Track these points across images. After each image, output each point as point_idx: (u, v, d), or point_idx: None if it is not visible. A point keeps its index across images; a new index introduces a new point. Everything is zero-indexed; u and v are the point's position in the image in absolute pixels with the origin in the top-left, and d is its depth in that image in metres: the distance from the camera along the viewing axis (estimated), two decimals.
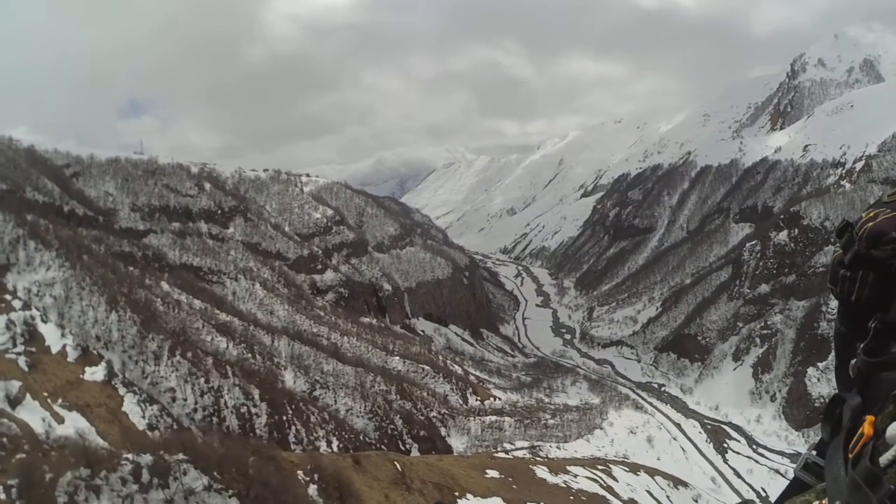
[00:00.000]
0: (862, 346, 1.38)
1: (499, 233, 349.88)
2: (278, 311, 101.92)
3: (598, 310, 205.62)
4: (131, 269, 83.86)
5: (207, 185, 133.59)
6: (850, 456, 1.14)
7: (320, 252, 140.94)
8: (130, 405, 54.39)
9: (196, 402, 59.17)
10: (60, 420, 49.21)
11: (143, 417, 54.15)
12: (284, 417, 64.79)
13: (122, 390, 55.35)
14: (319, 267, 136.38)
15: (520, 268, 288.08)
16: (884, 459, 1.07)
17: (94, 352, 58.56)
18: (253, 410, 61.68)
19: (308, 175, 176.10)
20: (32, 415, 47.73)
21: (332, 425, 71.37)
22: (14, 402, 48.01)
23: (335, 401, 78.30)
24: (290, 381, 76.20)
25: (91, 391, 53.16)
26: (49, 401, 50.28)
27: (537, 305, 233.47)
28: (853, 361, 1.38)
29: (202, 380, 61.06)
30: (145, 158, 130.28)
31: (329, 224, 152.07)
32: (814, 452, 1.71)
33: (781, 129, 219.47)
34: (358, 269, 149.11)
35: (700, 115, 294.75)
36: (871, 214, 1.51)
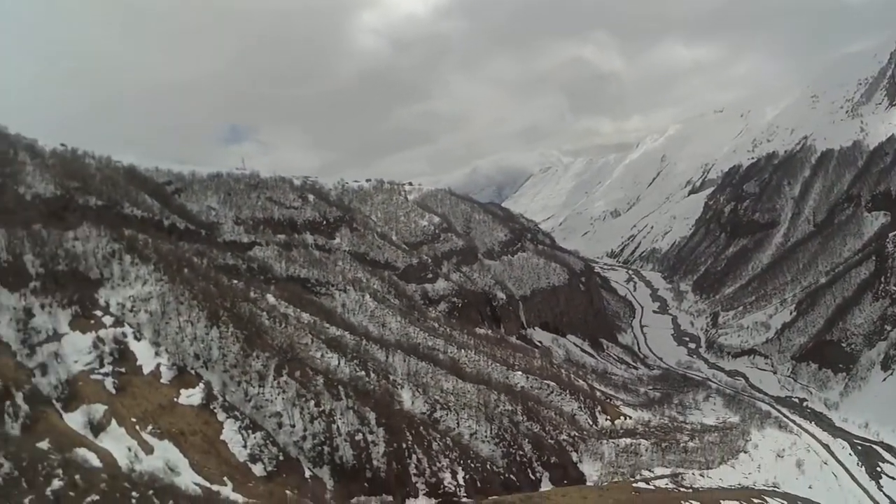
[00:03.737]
0: None
1: (603, 236, 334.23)
2: (390, 323, 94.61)
3: (723, 315, 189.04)
4: (235, 282, 78.71)
5: (311, 197, 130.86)
6: None
7: (429, 260, 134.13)
8: (230, 433, 47.18)
9: (305, 429, 51.28)
10: (149, 450, 42.37)
11: (245, 447, 46.76)
12: (404, 445, 55.93)
13: (221, 415, 48.38)
14: (430, 276, 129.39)
15: (630, 272, 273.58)
16: None
17: (192, 371, 52.18)
18: (369, 438, 53.10)
19: (411, 183, 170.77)
20: (117, 444, 41.13)
21: (457, 452, 62.10)
22: (97, 428, 41.64)
23: (457, 423, 69.33)
24: (408, 401, 67.78)
25: (186, 416, 46.36)
26: (137, 427, 43.68)
27: (654, 312, 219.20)
28: None
29: (312, 402, 53.22)
30: (247, 173, 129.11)
31: (437, 231, 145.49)
32: None
33: None
34: (469, 277, 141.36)
35: (808, 97, 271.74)
36: None
